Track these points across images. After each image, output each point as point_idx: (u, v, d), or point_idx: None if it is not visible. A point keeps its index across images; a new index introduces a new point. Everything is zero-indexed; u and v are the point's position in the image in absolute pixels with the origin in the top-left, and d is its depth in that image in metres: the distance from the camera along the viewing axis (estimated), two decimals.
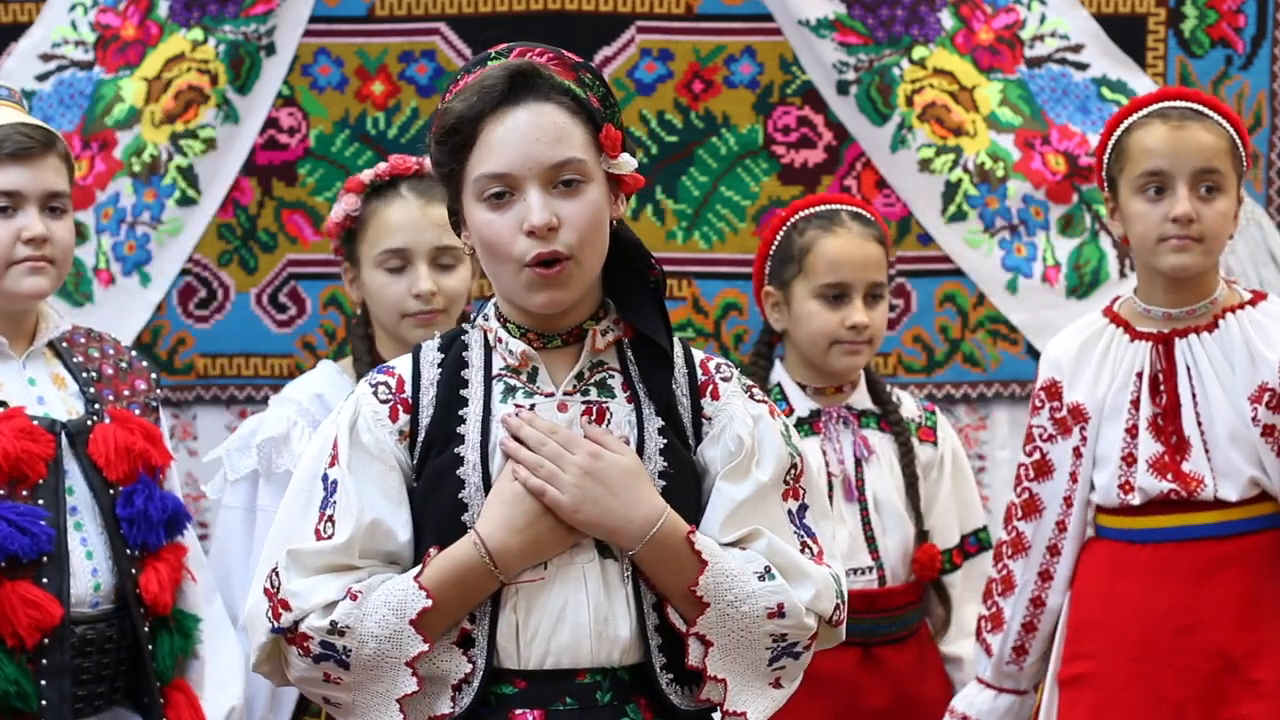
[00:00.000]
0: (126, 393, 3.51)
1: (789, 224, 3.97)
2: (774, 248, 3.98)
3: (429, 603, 2.53)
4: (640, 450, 2.59)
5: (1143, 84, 4.70)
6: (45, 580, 3.30)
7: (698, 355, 2.68)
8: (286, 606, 2.57)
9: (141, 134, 4.71)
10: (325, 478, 2.61)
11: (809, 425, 3.97)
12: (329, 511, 2.59)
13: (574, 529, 2.56)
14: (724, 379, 2.66)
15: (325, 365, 3.95)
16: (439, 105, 2.63)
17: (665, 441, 2.60)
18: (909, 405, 4.05)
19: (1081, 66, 4.74)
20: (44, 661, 3.32)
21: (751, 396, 2.66)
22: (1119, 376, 3.70)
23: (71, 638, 3.33)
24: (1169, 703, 3.64)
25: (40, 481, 3.34)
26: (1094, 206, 4.71)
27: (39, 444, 3.34)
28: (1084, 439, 3.73)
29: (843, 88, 4.76)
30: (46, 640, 3.31)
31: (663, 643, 2.59)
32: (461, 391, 2.62)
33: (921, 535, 3.97)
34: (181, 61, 4.73)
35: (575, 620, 2.56)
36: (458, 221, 2.64)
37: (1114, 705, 3.68)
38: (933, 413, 4.07)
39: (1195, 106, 3.68)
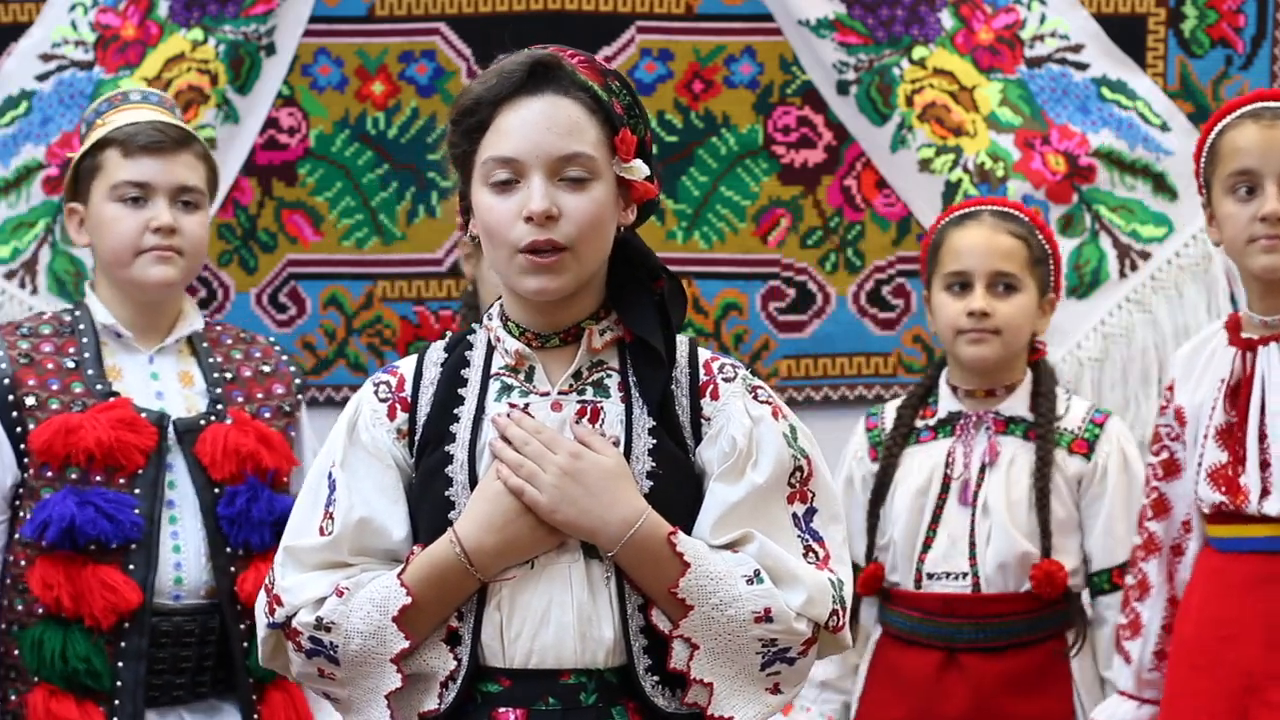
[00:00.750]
0: (260, 395, 3.62)
1: (940, 227, 3.97)
2: (928, 252, 3.98)
3: (409, 600, 2.53)
4: (628, 450, 2.58)
5: (1143, 84, 4.70)
6: (131, 567, 3.42)
7: (703, 355, 2.67)
8: (279, 602, 2.59)
9: None
10: (329, 475, 2.63)
11: (949, 427, 3.94)
12: (330, 509, 2.61)
13: (554, 529, 2.56)
14: (725, 379, 2.64)
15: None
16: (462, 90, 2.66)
17: (655, 441, 2.59)
18: (1074, 415, 3.93)
19: (1081, 66, 4.74)
20: (122, 644, 3.44)
21: (755, 397, 2.63)
22: (1214, 383, 3.65)
23: (151, 625, 3.45)
24: (1207, 713, 3.59)
25: (139, 472, 3.46)
26: (1094, 206, 4.71)
27: (139, 435, 3.46)
28: (1187, 443, 3.68)
29: (843, 88, 4.76)
30: (126, 624, 3.43)
31: (648, 645, 2.57)
32: (459, 390, 2.62)
33: (1045, 550, 3.84)
34: (181, 61, 4.73)
35: (559, 620, 2.55)
36: (466, 208, 2.65)
37: (1172, 710, 3.64)
38: (1098, 425, 3.93)
39: None
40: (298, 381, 3.69)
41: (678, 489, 2.59)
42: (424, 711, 2.57)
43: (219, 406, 3.56)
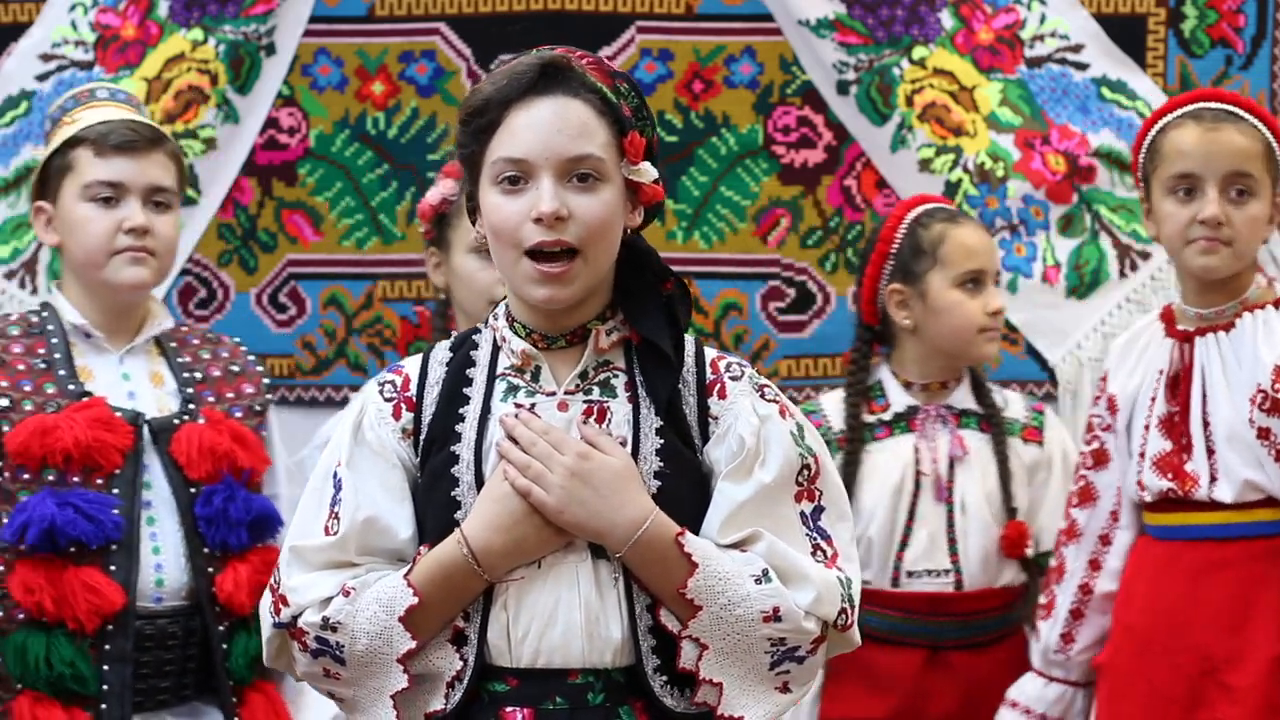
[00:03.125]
0: (230, 395, 3.59)
1: (909, 221, 3.99)
2: (896, 246, 3.99)
3: (416, 600, 2.53)
4: (635, 450, 2.58)
5: (1143, 84, 4.70)
6: (113, 568, 3.38)
7: (709, 354, 2.67)
8: (285, 602, 2.59)
9: None
10: (335, 475, 2.63)
11: (905, 422, 3.98)
12: (336, 509, 2.61)
13: (561, 530, 2.56)
14: (733, 378, 2.64)
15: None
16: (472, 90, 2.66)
17: (663, 441, 2.59)
18: (1015, 405, 4.04)
19: (1081, 66, 4.74)
20: (106, 647, 3.40)
21: (763, 396, 2.63)
22: (1149, 373, 3.71)
23: (134, 627, 3.41)
24: (1162, 699, 3.65)
25: (116, 472, 3.42)
26: (1094, 206, 4.71)
27: (115, 434, 3.43)
28: (1117, 431, 3.74)
29: (843, 88, 4.76)
30: (110, 627, 3.39)
31: (656, 644, 2.57)
32: (465, 390, 2.62)
33: (1010, 511, 3.93)
34: (181, 61, 4.73)
35: (567, 620, 2.55)
36: (474, 209, 2.64)
37: (1122, 697, 3.68)
38: (1040, 413, 4.05)
39: (1230, 108, 3.66)
40: (266, 381, 3.66)
41: (685, 489, 2.60)
42: (430, 711, 2.57)
43: (191, 406, 3.52)
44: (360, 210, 4.81)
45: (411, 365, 2.68)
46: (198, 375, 3.57)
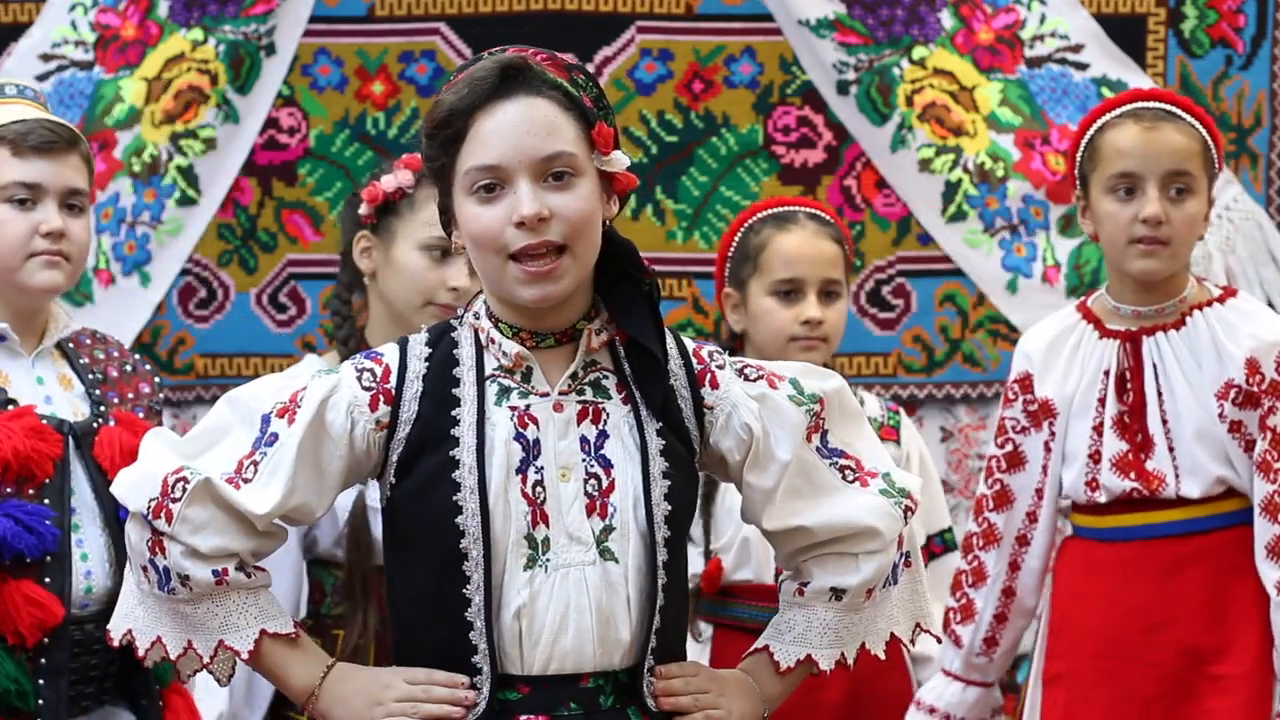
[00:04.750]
0: (131, 395, 3.51)
1: (746, 225, 3.97)
2: (732, 249, 3.98)
3: (245, 656, 2.59)
4: (644, 454, 2.58)
5: (1143, 84, 4.69)
6: (48, 580, 3.29)
7: (689, 344, 2.68)
8: (170, 520, 2.55)
9: (141, 134, 4.71)
10: (267, 420, 2.58)
11: None
12: (257, 457, 2.57)
13: None
14: (719, 366, 2.66)
15: (311, 359, 3.95)
16: (433, 102, 2.63)
17: (664, 443, 2.60)
18: (871, 405, 4.01)
19: (1081, 66, 4.74)
20: (43, 660, 3.31)
21: (746, 377, 2.66)
22: (1087, 374, 3.71)
23: (70, 638, 3.32)
24: (1137, 700, 3.64)
25: (46, 481, 3.33)
26: None
27: (48, 443, 3.34)
28: (1053, 434, 3.74)
29: (843, 88, 4.76)
30: (47, 640, 3.31)
31: (657, 645, 2.59)
32: (454, 391, 2.59)
33: None
34: (181, 61, 4.73)
35: (578, 624, 2.55)
36: (448, 220, 2.63)
37: (1085, 703, 3.69)
38: (896, 413, 4.04)
39: (1168, 107, 3.68)
40: (158, 380, 3.59)
41: (685, 488, 2.62)
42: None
43: (102, 408, 3.44)
44: None
45: (390, 355, 2.62)
46: (100, 376, 3.49)
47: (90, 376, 3.48)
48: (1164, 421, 3.65)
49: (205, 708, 3.55)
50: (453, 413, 2.58)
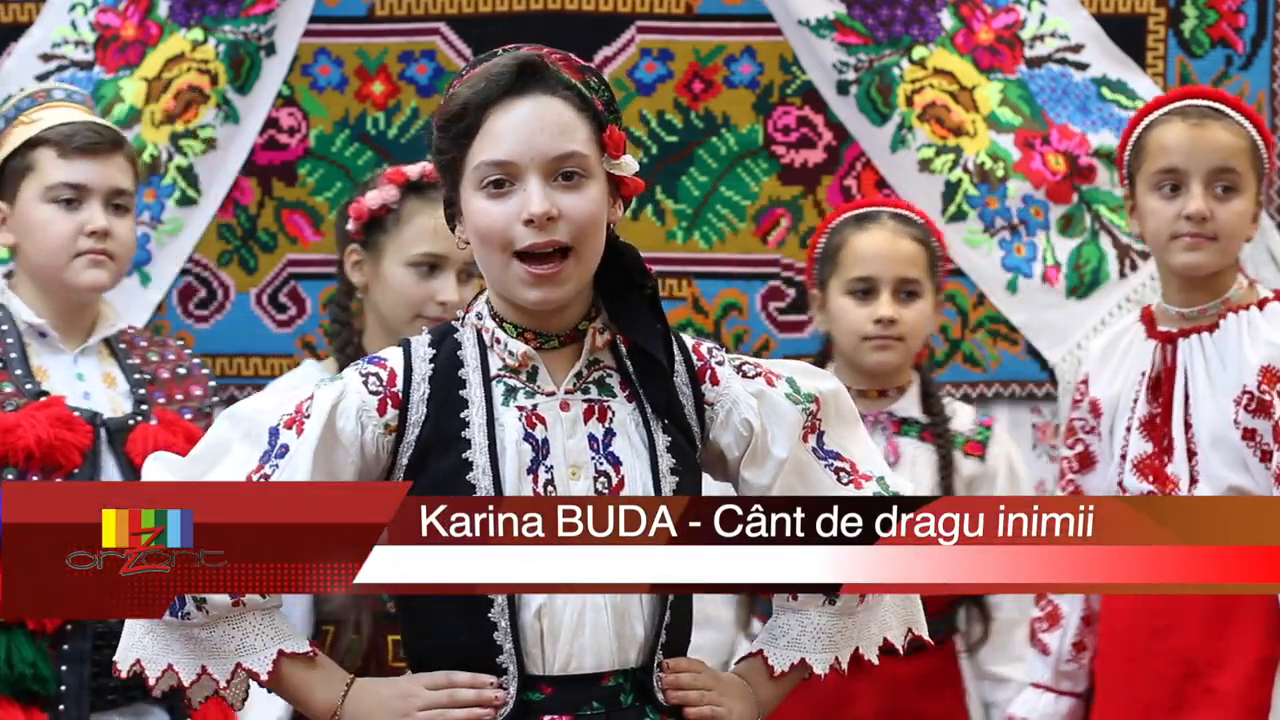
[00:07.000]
0: (179, 397, 3.57)
1: (831, 226, 3.99)
2: (818, 250, 3.99)
3: (264, 678, 2.58)
4: (652, 452, 2.59)
5: (1143, 84, 4.70)
6: None
7: (688, 341, 2.68)
8: None
9: (141, 134, 4.71)
10: (275, 433, 2.57)
11: None
12: (268, 470, 2.55)
13: None
14: (718, 363, 2.67)
15: (308, 365, 3.96)
16: (445, 94, 2.62)
17: (670, 440, 2.61)
18: (963, 418, 4.01)
19: (1081, 66, 4.74)
20: (65, 648, 3.37)
21: (744, 374, 2.66)
22: (1131, 375, 3.71)
23: (92, 627, 3.37)
24: (1140, 704, 3.64)
25: (75, 471, 3.39)
26: (1094, 206, 4.71)
27: (75, 433, 3.40)
28: (1101, 435, 3.74)
29: (843, 88, 4.76)
30: (69, 627, 3.36)
31: (667, 640, 2.60)
32: (460, 392, 2.59)
33: None
34: (181, 61, 4.73)
35: (595, 622, 2.55)
36: (454, 214, 2.63)
37: (1109, 700, 3.69)
38: (987, 428, 4.02)
39: (1216, 105, 3.67)
40: (212, 384, 3.65)
41: (692, 485, 2.63)
42: None
43: (144, 407, 3.51)
44: None
45: (394, 359, 2.62)
46: (148, 376, 3.56)
47: (136, 376, 3.55)
48: (1187, 426, 3.64)
49: (260, 712, 3.55)
50: (461, 414, 2.58)
